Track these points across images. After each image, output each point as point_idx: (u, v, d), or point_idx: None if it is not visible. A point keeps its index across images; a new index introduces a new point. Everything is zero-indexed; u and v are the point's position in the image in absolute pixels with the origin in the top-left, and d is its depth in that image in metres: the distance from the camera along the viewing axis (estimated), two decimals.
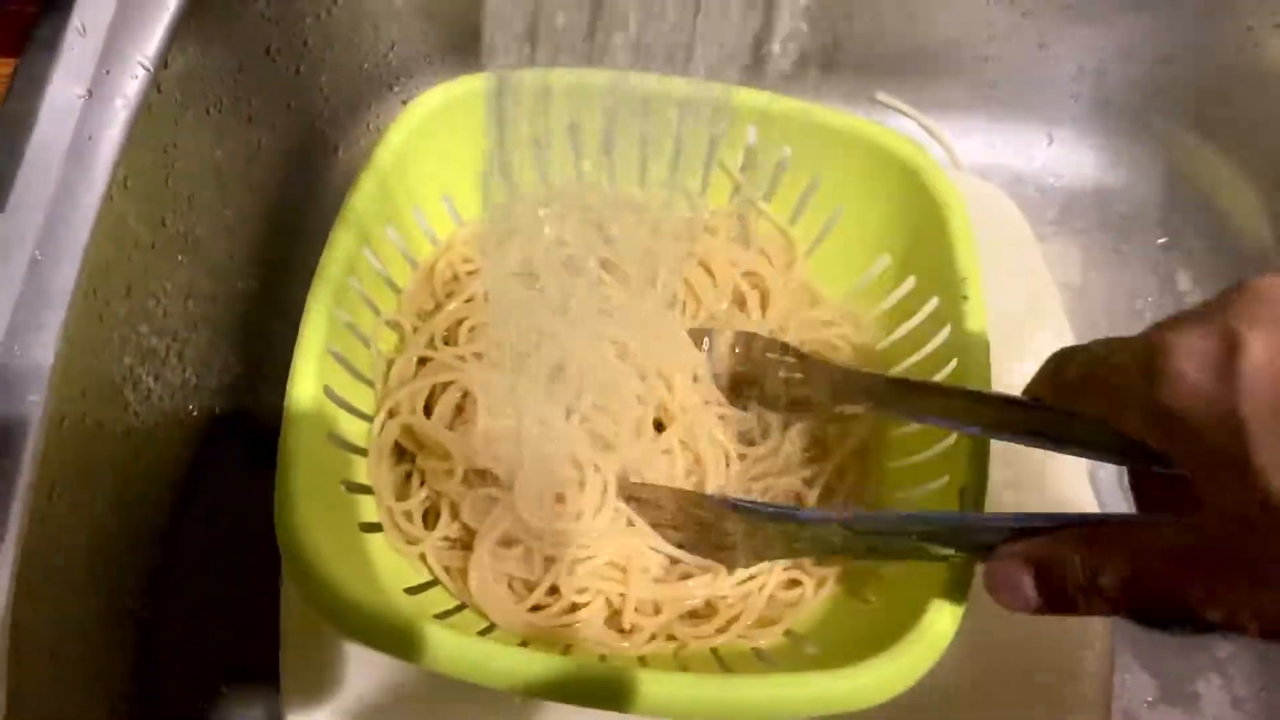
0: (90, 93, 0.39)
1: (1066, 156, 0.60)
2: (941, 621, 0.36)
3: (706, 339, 0.49)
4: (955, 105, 0.60)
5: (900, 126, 0.59)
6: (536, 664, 0.35)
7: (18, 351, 0.35)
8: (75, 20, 0.39)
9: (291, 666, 0.47)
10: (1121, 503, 0.51)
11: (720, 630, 0.44)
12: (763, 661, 0.43)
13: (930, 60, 0.59)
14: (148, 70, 0.39)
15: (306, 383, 0.41)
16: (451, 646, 0.35)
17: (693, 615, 0.45)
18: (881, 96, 0.59)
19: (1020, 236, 0.57)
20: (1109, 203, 0.60)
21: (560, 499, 0.45)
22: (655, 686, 0.35)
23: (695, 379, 0.48)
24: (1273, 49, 0.52)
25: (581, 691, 0.35)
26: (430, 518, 0.46)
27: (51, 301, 0.36)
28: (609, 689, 0.35)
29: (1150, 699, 0.49)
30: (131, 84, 0.39)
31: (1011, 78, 0.59)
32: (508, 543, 0.44)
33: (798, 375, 0.48)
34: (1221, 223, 0.58)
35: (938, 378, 0.45)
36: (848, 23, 0.57)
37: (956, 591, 0.37)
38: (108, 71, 0.39)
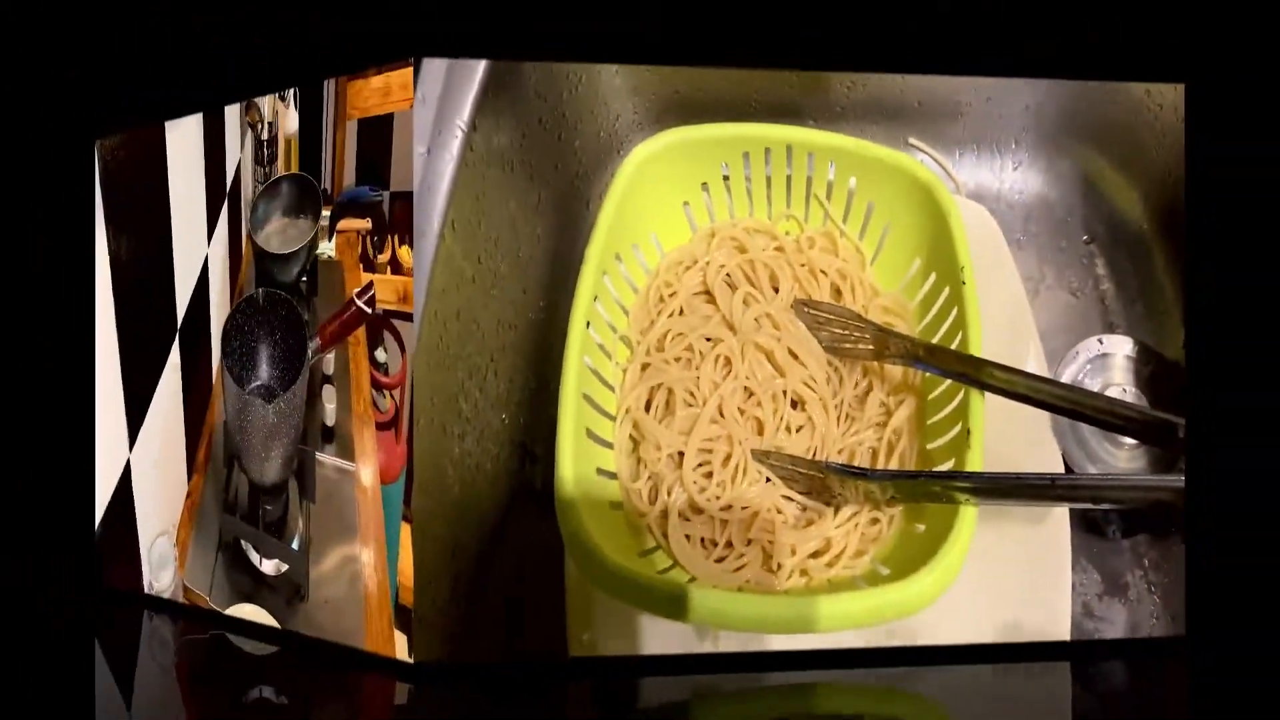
0: (429, 150, 0.46)
1: (1024, 178, 0.77)
2: (961, 542, 0.51)
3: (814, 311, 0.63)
4: (958, 143, 0.75)
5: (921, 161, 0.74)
6: (729, 602, 0.50)
7: None
8: (419, 93, 0.46)
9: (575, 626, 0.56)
10: (1073, 446, 0.67)
11: (830, 564, 0.58)
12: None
13: (940, 109, 0.74)
14: (464, 132, 0.47)
15: (569, 393, 0.52)
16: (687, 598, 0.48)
17: (814, 554, 0.58)
18: (913, 140, 0.73)
19: (997, 242, 0.72)
20: (1052, 212, 0.76)
21: (709, 474, 0.57)
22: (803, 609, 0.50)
23: (815, 360, 0.61)
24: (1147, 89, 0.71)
25: (765, 621, 0.50)
26: (653, 494, 0.57)
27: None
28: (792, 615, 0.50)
29: (1099, 593, 0.66)
30: (454, 143, 0.47)
31: (990, 120, 0.75)
32: (693, 511, 0.57)
33: (867, 338, 0.61)
34: (1121, 221, 0.75)
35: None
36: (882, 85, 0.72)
37: (968, 518, 0.51)
38: (440, 133, 0.46)
